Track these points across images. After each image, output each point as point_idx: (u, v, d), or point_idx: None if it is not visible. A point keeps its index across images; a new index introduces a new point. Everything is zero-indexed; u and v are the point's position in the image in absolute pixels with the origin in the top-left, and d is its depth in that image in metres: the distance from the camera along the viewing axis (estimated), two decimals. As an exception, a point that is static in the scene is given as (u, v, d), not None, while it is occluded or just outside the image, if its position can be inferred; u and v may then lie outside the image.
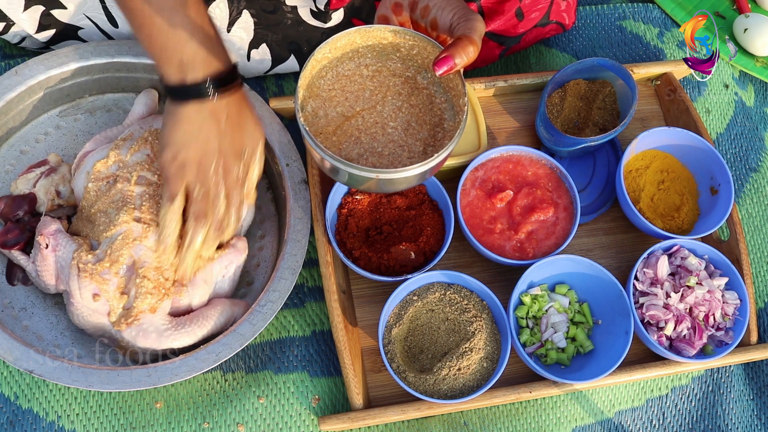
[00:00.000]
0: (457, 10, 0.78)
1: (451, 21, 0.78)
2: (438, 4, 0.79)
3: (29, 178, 0.95)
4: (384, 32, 0.83)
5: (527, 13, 1.09)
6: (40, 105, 1.00)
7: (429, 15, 0.80)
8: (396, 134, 0.83)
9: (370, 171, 0.77)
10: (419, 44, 0.82)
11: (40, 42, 1.03)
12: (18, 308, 0.92)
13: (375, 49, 0.85)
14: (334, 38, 0.81)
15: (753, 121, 1.21)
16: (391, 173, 0.78)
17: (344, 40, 0.83)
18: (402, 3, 0.82)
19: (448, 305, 0.93)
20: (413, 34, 0.82)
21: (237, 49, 1.03)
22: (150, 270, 0.86)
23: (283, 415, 0.93)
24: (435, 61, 0.76)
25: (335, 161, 0.77)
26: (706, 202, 1.05)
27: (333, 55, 0.84)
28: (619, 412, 1.00)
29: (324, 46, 0.81)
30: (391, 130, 0.83)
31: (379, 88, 0.85)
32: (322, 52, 0.82)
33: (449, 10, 0.78)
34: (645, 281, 0.98)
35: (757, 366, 1.07)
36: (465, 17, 0.78)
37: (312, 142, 0.78)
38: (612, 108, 1.06)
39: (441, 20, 0.79)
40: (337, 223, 0.97)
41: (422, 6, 0.80)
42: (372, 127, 0.83)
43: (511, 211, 0.98)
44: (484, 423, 0.97)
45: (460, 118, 0.80)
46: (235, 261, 0.91)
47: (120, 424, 0.90)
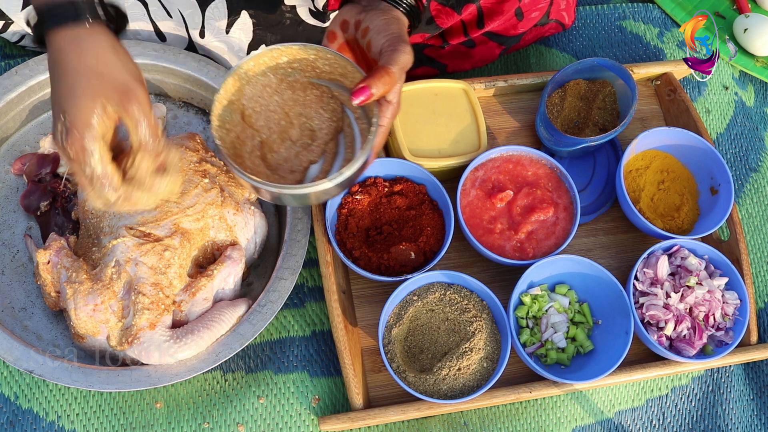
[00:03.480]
0: (390, 38, 0.79)
1: (381, 47, 0.79)
2: (376, 28, 0.80)
3: None
4: (319, 52, 0.83)
5: (527, 13, 1.09)
6: (40, 105, 1.00)
7: (366, 37, 0.81)
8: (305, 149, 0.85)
9: (274, 186, 0.78)
10: (347, 67, 0.82)
11: (40, 41, 1.03)
12: (18, 308, 0.92)
13: (308, 66, 0.85)
14: (260, 52, 0.82)
15: (753, 121, 1.21)
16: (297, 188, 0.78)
17: (268, 56, 0.83)
18: (349, 21, 0.83)
19: (448, 305, 0.93)
20: (339, 56, 0.82)
21: (236, 50, 1.03)
22: (146, 286, 0.85)
23: (283, 415, 0.93)
24: (353, 90, 0.76)
25: (246, 178, 0.78)
26: (706, 202, 1.05)
27: (258, 69, 0.84)
28: (619, 412, 1.00)
29: (249, 58, 0.82)
30: (300, 146, 0.85)
31: (299, 105, 0.85)
32: (246, 63, 0.82)
33: (383, 36, 0.79)
34: (645, 281, 0.98)
35: (757, 366, 1.07)
36: (393, 47, 0.78)
37: (226, 160, 0.79)
38: (612, 108, 1.06)
39: (374, 44, 0.80)
40: (337, 223, 0.97)
41: (363, 27, 0.81)
42: (284, 143, 0.84)
43: (511, 211, 0.98)
44: (484, 423, 0.97)
45: (365, 144, 0.79)
46: (234, 272, 0.91)
47: (120, 424, 0.90)
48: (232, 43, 1.03)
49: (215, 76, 1.00)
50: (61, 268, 0.87)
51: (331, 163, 0.85)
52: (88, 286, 0.85)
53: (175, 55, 1.00)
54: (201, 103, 1.05)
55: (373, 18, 0.80)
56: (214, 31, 1.02)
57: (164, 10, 1.00)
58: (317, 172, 0.84)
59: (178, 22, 1.01)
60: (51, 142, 0.96)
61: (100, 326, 0.85)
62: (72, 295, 0.85)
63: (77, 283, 0.85)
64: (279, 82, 0.85)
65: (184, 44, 1.05)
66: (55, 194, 0.95)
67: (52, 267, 0.87)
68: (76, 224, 0.94)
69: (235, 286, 0.91)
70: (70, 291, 0.85)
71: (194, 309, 0.88)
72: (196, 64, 1.00)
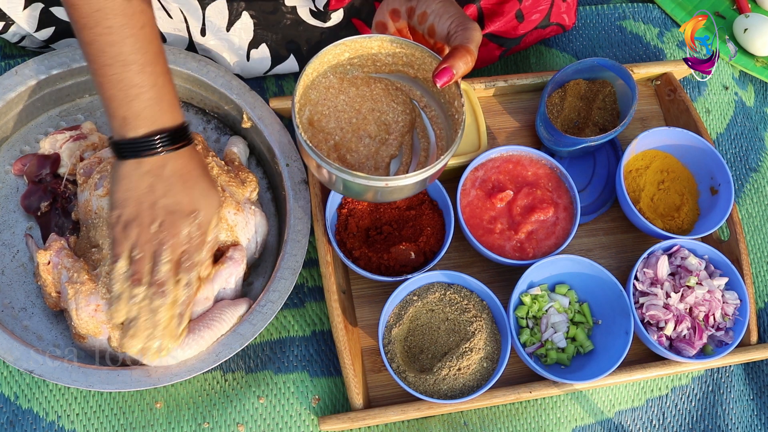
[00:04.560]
0: (455, 18, 0.78)
1: (448, 29, 0.78)
2: (436, 11, 0.79)
3: (57, 139, 0.95)
4: (383, 42, 0.82)
5: (527, 15, 1.09)
6: (40, 105, 1.00)
7: (426, 22, 0.80)
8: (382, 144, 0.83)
9: (377, 180, 0.76)
10: (415, 53, 0.81)
11: (40, 41, 1.03)
12: (18, 308, 0.92)
13: (367, 60, 0.84)
14: (323, 51, 0.80)
15: (753, 121, 1.21)
16: (394, 180, 0.76)
17: (332, 54, 0.82)
18: (399, 9, 0.81)
19: (448, 305, 0.93)
20: (409, 43, 0.81)
21: (236, 49, 1.03)
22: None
23: (283, 415, 0.93)
24: (435, 72, 0.76)
25: (338, 171, 0.76)
26: (706, 202, 1.05)
27: (321, 68, 0.83)
28: (619, 412, 1.00)
29: (314, 59, 0.80)
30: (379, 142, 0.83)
31: (368, 100, 0.84)
32: (313, 65, 0.81)
33: (447, 17, 0.78)
34: (645, 281, 0.98)
35: (757, 366, 1.07)
36: (463, 26, 0.77)
37: (314, 154, 0.76)
38: (612, 108, 1.06)
39: (438, 28, 0.79)
40: (337, 223, 0.97)
41: (419, 12, 0.80)
42: (362, 141, 0.83)
43: (511, 211, 0.98)
44: (484, 423, 0.97)
45: (458, 127, 0.79)
46: (235, 273, 0.90)
47: (120, 424, 0.90)
48: (232, 42, 1.03)
49: (215, 76, 1.00)
50: (61, 268, 0.87)
51: (409, 155, 0.84)
52: (90, 287, 0.85)
53: (175, 56, 1.00)
54: (201, 103, 1.05)
55: (429, 3, 0.79)
56: (214, 30, 1.02)
57: (164, 11, 1.00)
58: (398, 166, 0.83)
59: (179, 22, 1.01)
60: (51, 143, 0.96)
61: (102, 326, 0.85)
62: (73, 296, 0.85)
63: (79, 283, 0.85)
64: (340, 81, 0.84)
65: (184, 45, 1.05)
66: (55, 195, 0.95)
67: (52, 267, 0.87)
68: (76, 225, 0.94)
69: (236, 286, 0.91)
70: (72, 291, 0.85)
71: (195, 309, 0.88)
72: (196, 64, 1.00)
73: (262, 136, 0.99)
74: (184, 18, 1.01)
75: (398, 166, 0.83)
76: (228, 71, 1.01)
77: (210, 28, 1.01)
